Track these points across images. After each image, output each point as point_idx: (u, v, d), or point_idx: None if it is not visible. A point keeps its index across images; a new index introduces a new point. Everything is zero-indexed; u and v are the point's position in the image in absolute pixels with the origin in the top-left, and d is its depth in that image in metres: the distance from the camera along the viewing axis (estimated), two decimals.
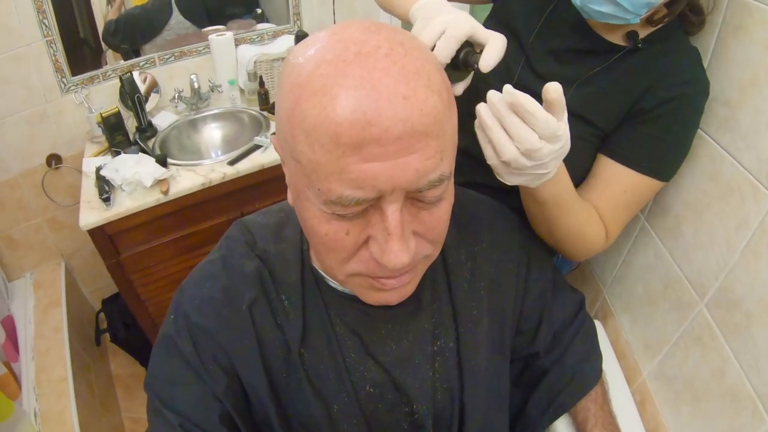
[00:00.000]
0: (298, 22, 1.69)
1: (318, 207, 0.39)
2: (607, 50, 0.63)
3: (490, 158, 0.51)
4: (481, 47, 0.47)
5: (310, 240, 0.45)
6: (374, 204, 0.39)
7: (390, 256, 0.39)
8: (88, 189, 1.21)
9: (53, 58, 1.29)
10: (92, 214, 1.13)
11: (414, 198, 0.40)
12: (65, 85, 1.34)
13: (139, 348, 1.52)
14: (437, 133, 0.37)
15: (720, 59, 0.62)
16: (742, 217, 0.60)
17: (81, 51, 1.36)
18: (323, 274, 0.55)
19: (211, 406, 0.52)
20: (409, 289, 0.48)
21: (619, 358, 0.87)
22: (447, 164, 0.39)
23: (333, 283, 0.55)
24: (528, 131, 0.46)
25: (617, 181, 0.64)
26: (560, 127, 0.46)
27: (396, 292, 0.46)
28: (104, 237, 1.16)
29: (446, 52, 0.46)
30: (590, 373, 0.70)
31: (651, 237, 0.79)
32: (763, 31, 0.55)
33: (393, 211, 0.38)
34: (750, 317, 0.58)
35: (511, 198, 0.68)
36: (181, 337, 0.53)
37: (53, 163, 1.39)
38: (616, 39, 0.63)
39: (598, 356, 0.73)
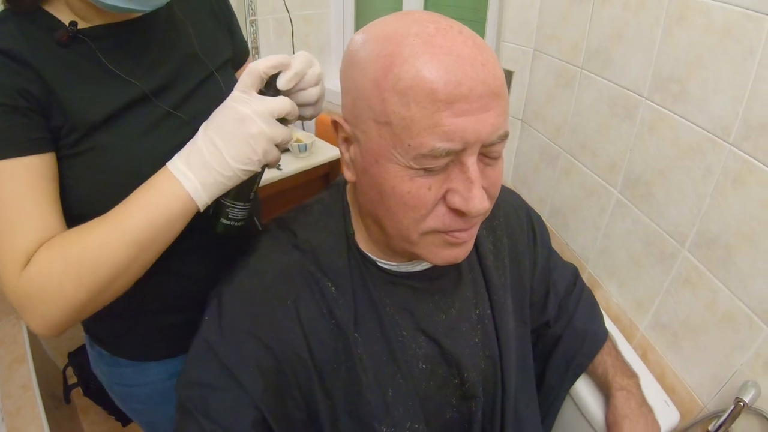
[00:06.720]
0: (257, 55, 1.74)
1: (404, 165, 0.44)
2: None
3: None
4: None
5: (386, 203, 0.47)
6: (454, 159, 0.44)
7: (475, 201, 0.44)
8: None
9: None
10: None
11: (482, 154, 0.46)
12: None
13: None
14: (503, 95, 0.44)
15: (668, 45, 0.75)
16: (705, 167, 0.71)
17: None
18: (372, 256, 0.57)
19: (245, 412, 0.51)
20: (470, 246, 0.52)
21: (614, 322, 0.94)
22: (507, 123, 0.46)
23: (382, 264, 0.57)
24: None
25: None
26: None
27: (463, 248, 0.51)
28: None
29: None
30: (599, 331, 0.77)
31: (626, 206, 0.89)
32: (700, 17, 0.68)
33: (473, 162, 0.44)
34: (729, 248, 0.68)
35: None
36: (217, 341, 0.52)
37: None
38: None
39: (601, 316, 0.80)
